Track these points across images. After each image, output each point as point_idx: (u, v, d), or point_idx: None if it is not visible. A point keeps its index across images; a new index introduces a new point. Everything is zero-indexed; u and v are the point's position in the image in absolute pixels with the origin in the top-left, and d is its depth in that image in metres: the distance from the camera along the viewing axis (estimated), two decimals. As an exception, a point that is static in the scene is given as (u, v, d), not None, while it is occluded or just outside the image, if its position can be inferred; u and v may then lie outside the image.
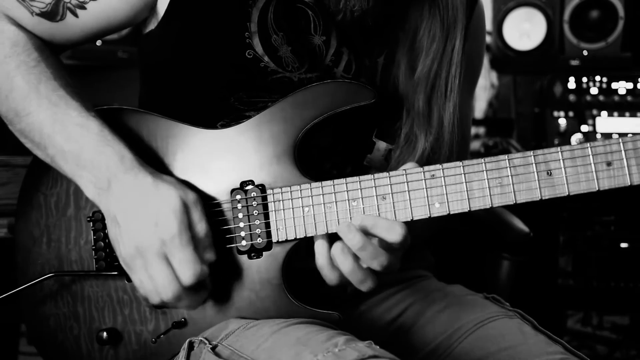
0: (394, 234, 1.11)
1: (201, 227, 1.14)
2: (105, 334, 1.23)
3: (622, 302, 2.84)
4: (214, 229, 1.19)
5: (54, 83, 1.23)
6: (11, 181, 1.81)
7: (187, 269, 1.12)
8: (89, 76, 2.84)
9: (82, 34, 1.31)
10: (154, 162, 1.23)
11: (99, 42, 2.77)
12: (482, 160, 1.14)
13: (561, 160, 1.12)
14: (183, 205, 1.13)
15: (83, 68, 2.74)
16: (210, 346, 1.15)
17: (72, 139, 1.19)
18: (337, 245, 1.12)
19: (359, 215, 1.15)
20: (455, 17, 1.31)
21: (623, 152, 1.11)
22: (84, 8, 1.27)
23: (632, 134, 2.82)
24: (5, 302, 1.27)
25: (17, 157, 1.80)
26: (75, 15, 1.27)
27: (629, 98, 2.88)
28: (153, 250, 1.12)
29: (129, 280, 1.23)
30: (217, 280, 1.20)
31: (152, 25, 1.32)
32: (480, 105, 3.28)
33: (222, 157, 1.23)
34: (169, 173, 1.23)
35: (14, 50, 1.25)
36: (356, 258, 1.12)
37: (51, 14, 1.27)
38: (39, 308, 1.28)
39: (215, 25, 1.26)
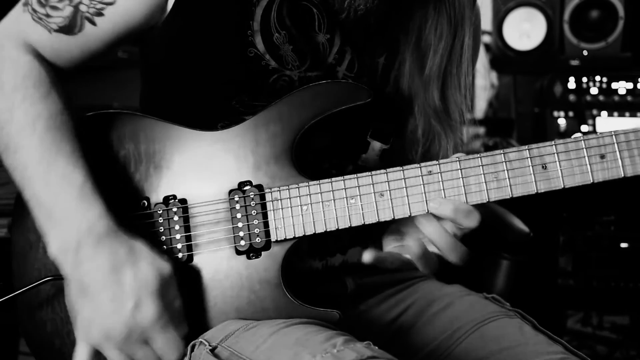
0: (472, 220, 1.14)
1: (177, 303, 1.14)
2: None
3: (622, 302, 2.84)
4: (212, 231, 1.19)
5: (52, 122, 1.20)
6: (11, 181, 1.80)
7: (172, 350, 1.13)
8: (89, 76, 2.83)
9: (101, 44, 1.29)
10: (153, 165, 1.23)
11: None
12: (478, 155, 1.16)
13: (555, 154, 1.14)
14: (162, 286, 1.12)
15: (83, 68, 2.74)
16: (210, 348, 1.15)
17: (50, 189, 1.16)
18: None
19: (438, 199, 1.16)
20: (463, 14, 1.32)
21: (616, 144, 1.13)
22: (102, 15, 1.25)
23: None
24: (1, 307, 1.26)
25: (17, 158, 1.80)
26: (94, 23, 1.26)
27: (629, 98, 2.88)
28: (134, 336, 1.10)
29: None
30: (217, 282, 1.21)
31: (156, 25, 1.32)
32: (480, 105, 3.28)
33: (220, 159, 1.23)
34: (168, 175, 1.23)
35: (24, 83, 1.23)
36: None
37: (69, 28, 1.25)
38: (35, 313, 1.28)
39: (218, 24, 1.26)
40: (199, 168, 1.23)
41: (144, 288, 1.10)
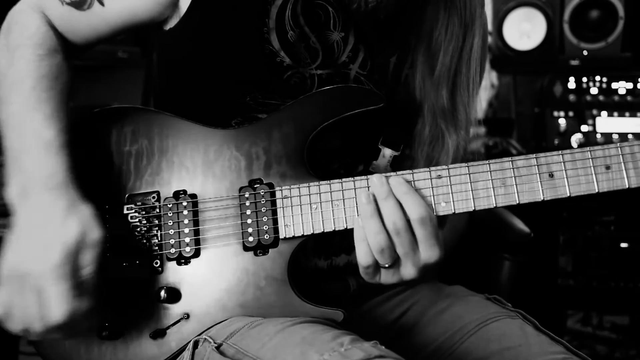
0: (418, 210, 1.13)
1: (88, 270, 1.12)
2: (104, 330, 1.23)
3: (622, 302, 2.84)
4: (221, 226, 1.19)
5: (40, 83, 1.23)
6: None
7: (55, 306, 1.09)
8: (89, 76, 2.84)
9: (107, 26, 1.33)
10: (165, 160, 1.25)
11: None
12: (487, 161, 1.17)
13: (562, 163, 1.16)
14: (77, 243, 1.11)
15: (83, 68, 2.73)
16: (215, 345, 1.15)
17: (22, 140, 1.19)
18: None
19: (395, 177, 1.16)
20: (473, 15, 1.33)
21: (621, 156, 1.16)
22: None
23: (631, 134, 2.83)
24: None
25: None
26: (102, 4, 1.30)
27: (629, 98, 2.88)
28: (31, 278, 1.09)
29: None
30: (223, 277, 1.21)
31: (173, 22, 1.33)
32: (480, 105, 3.28)
33: (232, 156, 1.24)
34: (179, 171, 1.24)
35: (26, 42, 1.27)
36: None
37: (79, 3, 1.30)
38: None
39: (234, 22, 1.27)
40: (211, 164, 1.24)
41: (59, 238, 1.10)
